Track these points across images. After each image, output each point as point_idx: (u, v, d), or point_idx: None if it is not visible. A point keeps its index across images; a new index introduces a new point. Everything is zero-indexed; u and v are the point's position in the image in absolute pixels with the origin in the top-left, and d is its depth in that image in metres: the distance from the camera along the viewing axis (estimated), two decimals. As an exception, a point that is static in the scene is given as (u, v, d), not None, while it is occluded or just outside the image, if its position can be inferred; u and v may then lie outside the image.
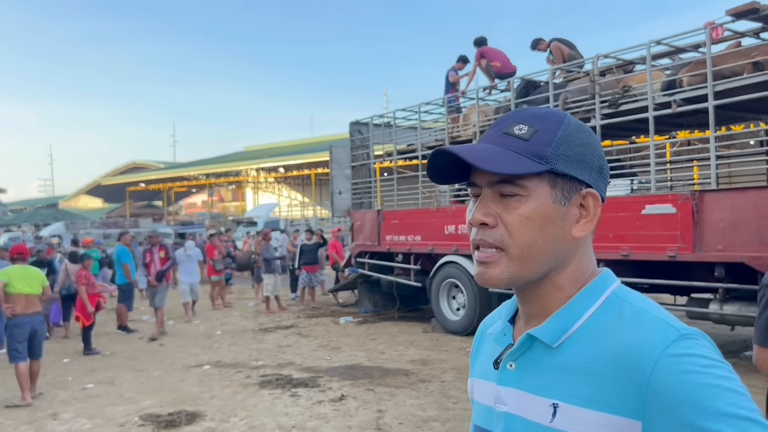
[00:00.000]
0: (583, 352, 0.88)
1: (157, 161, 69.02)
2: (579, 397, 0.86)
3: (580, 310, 0.92)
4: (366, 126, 12.30)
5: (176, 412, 6.04)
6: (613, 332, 0.87)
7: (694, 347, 0.81)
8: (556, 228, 0.92)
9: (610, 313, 0.90)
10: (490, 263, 0.92)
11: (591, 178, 0.94)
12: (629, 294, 0.93)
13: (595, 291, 0.93)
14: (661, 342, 0.82)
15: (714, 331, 8.86)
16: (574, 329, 0.91)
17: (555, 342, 0.91)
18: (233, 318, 12.41)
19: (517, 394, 0.94)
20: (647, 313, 0.88)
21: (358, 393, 6.52)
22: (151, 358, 8.80)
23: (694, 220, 6.69)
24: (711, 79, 6.64)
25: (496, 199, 0.92)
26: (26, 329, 6.76)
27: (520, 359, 0.95)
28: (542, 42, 10.01)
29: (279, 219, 31.67)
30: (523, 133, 0.91)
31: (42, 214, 46.82)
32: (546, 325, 0.93)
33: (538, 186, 0.91)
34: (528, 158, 0.90)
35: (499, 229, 0.92)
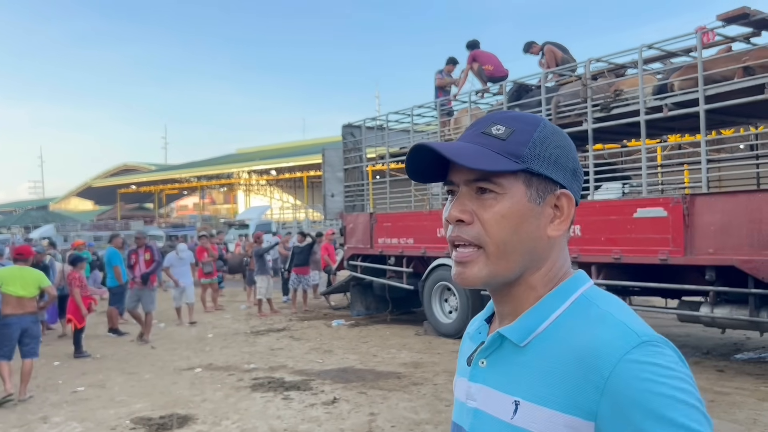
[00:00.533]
0: (547, 352, 0.90)
1: (148, 163, 68.75)
2: (539, 395, 0.87)
3: (548, 311, 0.93)
4: (358, 129, 12.31)
5: (168, 416, 6.01)
6: (577, 334, 0.88)
7: (655, 355, 0.82)
8: (531, 227, 0.93)
9: (578, 314, 0.91)
10: (468, 262, 0.94)
11: (565, 180, 0.96)
12: (599, 296, 0.94)
13: (565, 292, 0.94)
14: (621, 346, 0.83)
15: (705, 334, 8.91)
16: (541, 329, 0.92)
17: (522, 341, 0.93)
18: (225, 321, 12.37)
19: (485, 391, 0.96)
20: (612, 317, 0.88)
21: (350, 396, 6.51)
22: (143, 360, 8.75)
23: (685, 224, 6.73)
24: (702, 84, 6.69)
25: (472, 196, 0.94)
26: (14, 329, 6.75)
27: (490, 357, 0.98)
28: (535, 45, 10.05)
29: (271, 221, 31.61)
30: (501, 133, 0.94)
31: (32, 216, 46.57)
32: (515, 324, 0.94)
33: (513, 184, 0.92)
34: (504, 157, 0.91)
35: (475, 226, 0.93)
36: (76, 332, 9.15)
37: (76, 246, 13.83)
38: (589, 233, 7.65)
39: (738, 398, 5.91)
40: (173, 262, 11.88)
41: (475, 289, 9.16)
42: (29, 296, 6.90)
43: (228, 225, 32.11)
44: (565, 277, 0.97)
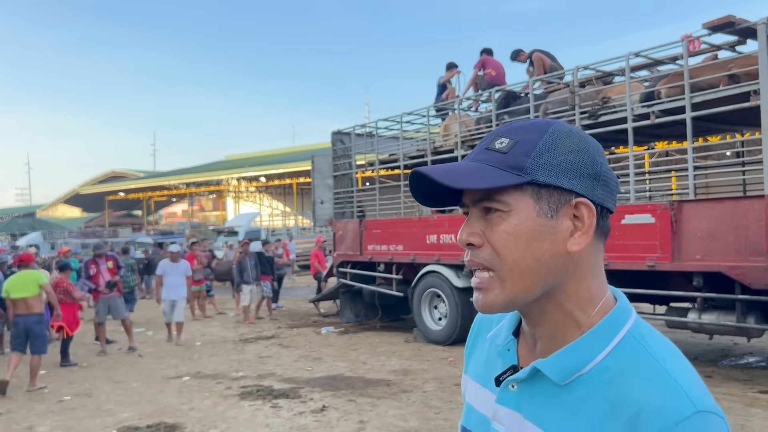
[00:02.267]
0: (590, 398, 0.83)
1: (136, 170, 68.41)
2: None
3: (593, 351, 0.86)
4: (348, 136, 12.31)
5: (155, 425, 5.96)
6: (625, 387, 0.82)
7: (705, 427, 0.77)
8: (546, 243, 0.86)
9: (625, 359, 0.84)
10: (484, 289, 0.88)
11: (583, 187, 0.87)
12: (646, 335, 0.87)
13: (610, 328, 0.87)
14: (674, 415, 0.77)
15: (692, 340, 8.95)
16: (585, 371, 0.85)
17: (562, 381, 0.86)
18: (213, 328, 12.29)
19: (516, 418, 0.90)
20: (665, 373, 0.81)
21: (339, 404, 6.48)
22: (130, 369, 8.67)
23: (673, 230, 6.77)
24: (688, 91, 6.75)
25: (481, 217, 0.88)
26: (20, 328, 7.74)
27: (522, 383, 0.92)
28: (522, 53, 10.11)
29: (260, 228, 31.49)
30: (503, 147, 0.88)
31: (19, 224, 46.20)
32: (554, 360, 0.87)
33: (519, 200, 0.86)
34: (506, 171, 0.85)
35: (485, 249, 0.87)
36: (66, 340, 9.08)
37: (63, 253, 13.71)
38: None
39: (726, 404, 5.93)
40: (166, 269, 10.89)
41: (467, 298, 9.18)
42: (31, 296, 7.79)
43: (217, 232, 31.96)
44: (608, 306, 0.89)
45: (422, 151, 10.77)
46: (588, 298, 0.89)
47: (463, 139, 9.70)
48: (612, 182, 0.90)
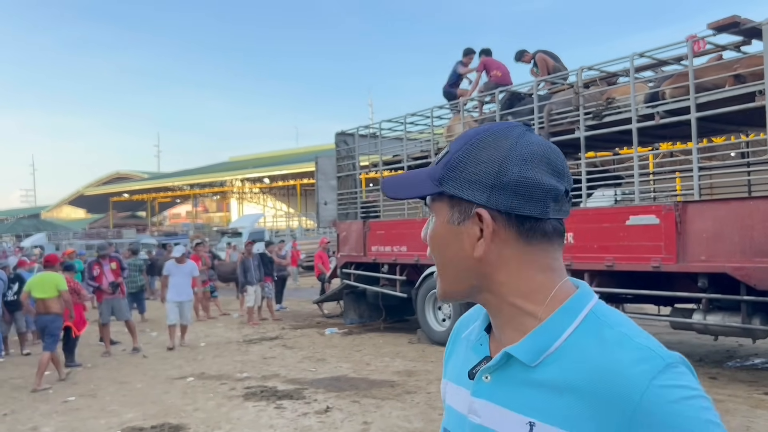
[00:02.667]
0: (563, 374, 0.87)
1: (141, 171, 68.53)
2: (557, 417, 0.85)
3: (559, 330, 0.90)
4: (352, 137, 12.31)
5: (159, 425, 5.96)
6: (595, 356, 0.86)
7: (679, 377, 0.83)
8: (453, 247, 0.94)
9: (590, 334, 0.88)
10: (436, 279, 1.00)
11: (483, 197, 0.90)
12: (608, 314, 0.91)
13: (572, 310, 0.91)
14: (648, 371, 0.82)
15: (697, 341, 8.93)
16: (553, 349, 0.89)
17: (533, 362, 0.90)
18: (217, 329, 12.31)
19: (491, 408, 0.93)
20: (630, 340, 0.87)
21: (343, 405, 6.48)
22: (134, 370, 8.69)
23: (678, 231, 6.75)
24: (693, 92, 6.74)
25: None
26: (39, 327, 8.28)
27: (496, 373, 0.94)
28: (526, 54, 10.09)
29: (264, 229, 31.52)
30: (438, 157, 0.97)
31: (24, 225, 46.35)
32: (523, 343, 0.91)
33: (440, 208, 0.95)
34: (430, 182, 0.94)
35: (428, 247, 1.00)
36: (73, 340, 9.10)
37: (67, 254, 13.76)
38: (582, 241, 7.67)
39: (731, 405, 5.91)
40: (172, 270, 10.67)
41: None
42: (49, 297, 8.12)
43: (221, 233, 32.00)
44: (568, 292, 0.93)
45: (426, 152, 10.77)
46: (531, 290, 0.92)
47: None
48: (529, 188, 0.90)
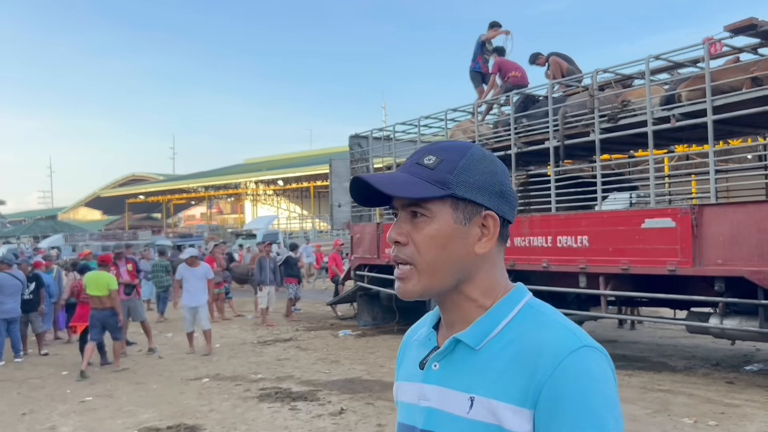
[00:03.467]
0: (500, 354, 1.01)
1: (156, 173, 69.12)
2: (493, 391, 0.98)
3: (500, 317, 1.04)
4: (366, 139, 12.35)
5: (175, 426, 6.01)
6: (527, 336, 1.00)
7: (593, 360, 0.96)
8: (458, 245, 1.04)
9: (527, 320, 1.03)
10: (404, 278, 1.06)
11: (491, 202, 1.05)
12: (542, 305, 1.07)
13: (512, 301, 1.06)
14: (566, 348, 0.95)
15: (713, 346, 8.85)
16: (494, 334, 1.03)
17: (478, 345, 1.03)
18: (232, 331, 12.37)
19: (439, 391, 1.05)
20: (557, 323, 1.01)
21: (357, 407, 6.50)
22: (150, 371, 8.76)
23: (694, 234, 6.70)
24: (710, 94, 6.69)
25: (408, 220, 1.06)
26: (95, 321, 8.75)
27: (443, 360, 1.07)
28: (540, 56, 10.07)
29: (278, 231, 31.65)
30: (431, 163, 1.05)
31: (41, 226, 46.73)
32: (470, 330, 1.05)
33: (441, 209, 1.03)
34: (432, 184, 1.03)
35: (409, 247, 1.05)
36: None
37: (84, 256, 13.91)
38: (597, 244, 7.64)
39: (748, 410, 5.86)
40: (185, 275, 10.20)
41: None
42: (103, 295, 8.70)
43: (235, 235, 32.17)
44: (508, 289, 1.08)
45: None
46: (489, 287, 1.07)
47: (482, 142, 9.70)
48: (513, 199, 1.10)
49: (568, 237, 8.00)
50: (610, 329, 11.13)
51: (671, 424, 5.60)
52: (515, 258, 8.69)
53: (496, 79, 10.55)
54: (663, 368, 7.88)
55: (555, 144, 8.40)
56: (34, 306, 10.47)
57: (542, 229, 8.38)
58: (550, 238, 8.24)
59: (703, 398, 6.38)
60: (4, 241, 40.33)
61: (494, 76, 10.55)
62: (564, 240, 8.05)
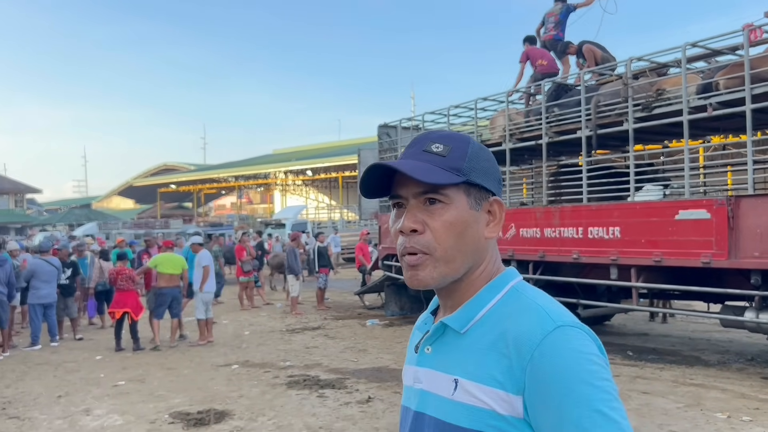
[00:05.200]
0: (483, 337, 1.02)
1: (187, 163, 69.91)
2: (475, 374, 0.99)
3: (484, 302, 1.05)
4: (394, 129, 12.32)
5: (205, 411, 6.11)
6: (507, 321, 1.00)
7: (569, 339, 0.95)
8: (473, 231, 1.05)
9: (510, 304, 1.04)
10: (420, 266, 1.05)
11: (495, 188, 1.09)
12: (527, 288, 1.07)
13: (498, 285, 1.07)
14: (540, 332, 0.95)
15: (748, 340, 8.67)
16: (478, 317, 1.04)
17: (462, 328, 1.05)
18: (261, 318, 12.50)
19: (430, 374, 1.08)
20: (535, 305, 1.01)
21: (385, 395, 6.52)
22: (181, 356, 8.91)
23: (730, 226, 6.55)
24: (749, 82, 6.51)
25: (420, 208, 1.05)
26: (167, 297, 9.58)
27: (435, 344, 1.10)
28: (572, 45, 9.91)
29: (306, 221, 31.82)
30: (441, 150, 1.06)
31: (76, 215, 47.81)
32: (456, 314, 1.07)
33: (456, 195, 1.04)
34: (448, 171, 1.03)
35: (426, 235, 1.04)
36: (132, 325, 9.42)
37: (118, 243, 14.17)
38: (630, 235, 7.51)
39: (784, 406, 5.73)
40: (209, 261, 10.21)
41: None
42: (176, 273, 9.67)
43: (265, 224, 32.44)
44: (498, 272, 1.10)
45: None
46: (489, 272, 1.09)
47: (511, 132, 9.60)
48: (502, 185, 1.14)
49: (600, 228, 7.88)
50: (641, 322, 10.97)
51: (704, 418, 5.50)
52: (545, 249, 8.60)
53: (524, 68, 10.41)
54: (695, 362, 7.74)
55: (587, 133, 8.27)
56: (70, 291, 10.72)
57: (573, 220, 8.27)
58: (581, 229, 8.13)
59: (736, 393, 6.25)
60: (41, 228, 41.32)
61: (523, 64, 10.41)
62: (595, 231, 7.94)
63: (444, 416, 1.02)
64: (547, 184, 9.11)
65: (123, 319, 9.49)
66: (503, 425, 0.95)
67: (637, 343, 9.08)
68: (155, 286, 9.73)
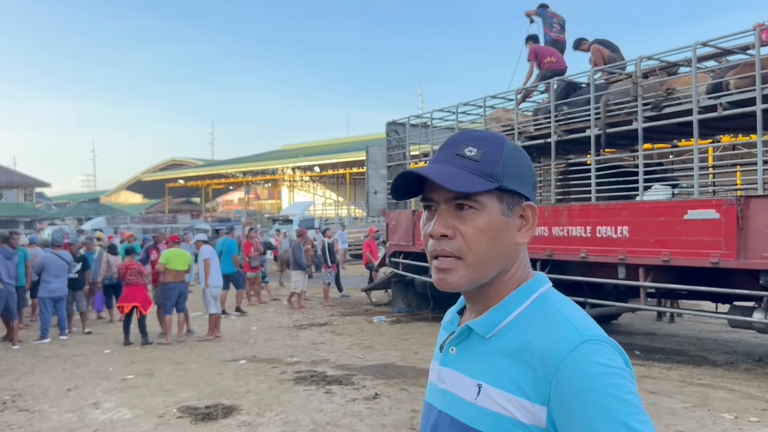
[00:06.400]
0: (508, 344, 1.02)
1: (195, 158, 70.07)
2: (499, 381, 1.00)
3: (511, 308, 1.05)
4: (402, 126, 12.32)
5: (213, 405, 6.15)
6: (534, 331, 1.00)
7: (594, 353, 0.94)
8: (504, 236, 1.05)
9: (536, 312, 1.03)
10: (450, 269, 1.04)
11: (528, 192, 1.08)
12: (554, 296, 1.07)
13: (526, 292, 1.07)
14: (566, 346, 0.95)
15: (756, 341, 8.64)
16: (504, 324, 1.04)
17: (488, 333, 1.05)
18: (268, 314, 12.55)
19: (453, 375, 1.09)
20: (562, 317, 1.01)
21: (392, 392, 6.54)
22: (189, 351, 8.96)
23: (739, 227, 6.53)
24: (759, 82, 6.48)
25: (452, 213, 1.04)
26: (174, 292, 9.66)
27: (460, 345, 1.11)
28: (585, 42, 9.89)
29: (314, 217, 31.88)
30: (474, 155, 1.04)
31: (84, 209, 48.04)
32: (482, 319, 1.07)
33: (489, 200, 1.03)
34: (480, 177, 1.02)
35: (457, 240, 1.03)
36: (141, 320, 9.48)
37: (127, 237, 14.24)
38: (638, 235, 7.50)
39: (792, 408, 5.72)
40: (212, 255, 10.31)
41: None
42: (183, 269, 9.78)
43: (272, 220, 32.51)
44: (528, 278, 1.09)
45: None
46: (518, 277, 1.09)
47: (520, 130, 9.59)
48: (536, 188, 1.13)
49: (608, 227, 7.87)
50: (648, 322, 10.95)
51: (711, 418, 5.50)
52: (553, 248, 8.60)
53: (533, 67, 10.38)
54: (703, 362, 7.72)
55: (596, 132, 8.25)
56: (79, 285, 10.79)
57: (581, 219, 8.27)
58: (590, 228, 8.13)
59: (744, 394, 6.24)
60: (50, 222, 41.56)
61: (532, 62, 10.38)
62: (603, 230, 7.93)
63: (466, 419, 1.03)
64: (556, 182, 9.10)
65: (132, 314, 9.55)
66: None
67: (644, 343, 9.07)
68: (162, 281, 9.82)
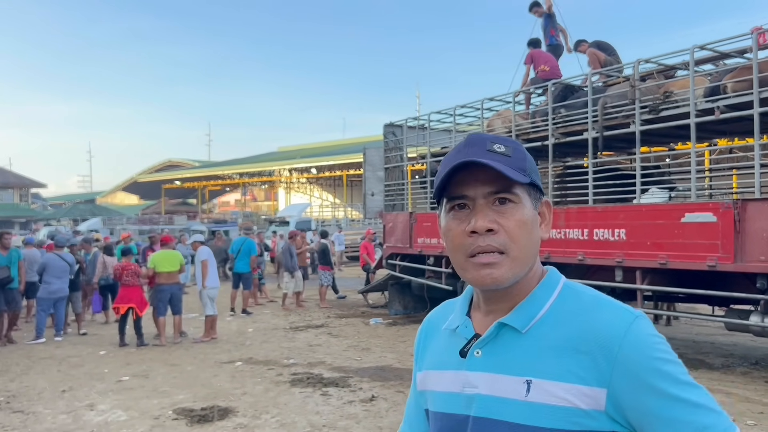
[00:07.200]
0: (551, 335, 1.03)
1: (192, 160, 69.99)
2: (551, 373, 1.00)
3: (543, 300, 1.07)
4: (400, 128, 12.31)
5: (209, 407, 6.11)
6: (578, 317, 1.03)
7: (647, 327, 1.01)
8: (536, 230, 1.08)
9: (570, 301, 1.06)
10: (495, 264, 1.03)
11: (543, 190, 1.12)
12: (578, 285, 1.11)
13: (551, 284, 1.09)
14: (622, 324, 0.99)
15: (753, 344, 8.64)
16: (540, 316, 1.05)
17: (524, 327, 1.05)
18: (265, 316, 12.52)
19: (488, 377, 1.05)
20: (603, 300, 1.05)
21: (388, 394, 6.52)
22: (185, 353, 8.92)
23: (736, 230, 6.53)
24: (757, 86, 6.49)
25: (491, 208, 1.05)
26: (166, 294, 9.57)
27: (487, 346, 1.08)
28: (584, 43, 9.92)
29: (311, 219, 31.85)
30: (505, 151, 1.06)
31: (80, 210, 47.89)
32: (514, 314, 1.06)
33: (524, 195, 1.06)
34: (518, 171, 1.04)
35: (501, 235, 1.03)
36: (137, 321, 9.45)
37: (124, 238, 14.20)
38: (635, 237, 7.50)
39: (789, 411, 5.72)
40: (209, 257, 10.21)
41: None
42: (174, 271, 9.67)
43: (269, 222, 32.48)
44: (544, 272, 1.12)
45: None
46: (537, 273, 1.11)
47: (518, 133, 9.59)
48: None
49: (605, 230, 7.87)
50: (645, 325, 10.95)
51: (708, 422, 5.48)
52: (550, 250, 8.59)
53: (529, 70, 10.41)
54: (699, 365, 7.72)
55: (593, 135, 8.26)
56: (76, 286, 10.75)
57: (578, 222, 8.27)
58: (587, 231, 8.13)
59: (741, 397, 6.24)
60: (45, 223, 41.45)
61: (528, 66, 10.41)
62: (601, 233, 7.93)
63: (518, 419, 1.01)
64: (553, 185, 9.10)
65: (127, 315, 9.51)
66: (585, 420, 0.98)
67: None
68: (155, 283, 9.75)
